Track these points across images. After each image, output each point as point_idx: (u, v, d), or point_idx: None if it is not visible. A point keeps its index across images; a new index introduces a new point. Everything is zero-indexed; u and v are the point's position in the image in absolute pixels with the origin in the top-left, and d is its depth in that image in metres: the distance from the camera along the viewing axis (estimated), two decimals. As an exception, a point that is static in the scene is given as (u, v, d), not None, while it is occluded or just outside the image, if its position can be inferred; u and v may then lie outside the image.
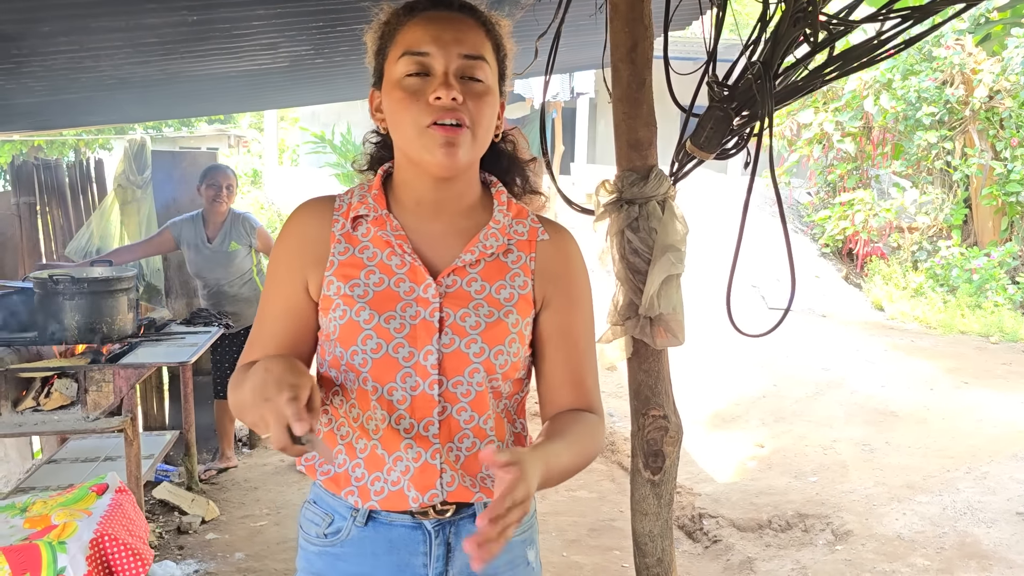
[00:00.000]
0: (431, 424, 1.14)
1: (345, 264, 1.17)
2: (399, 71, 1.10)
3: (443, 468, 1.15)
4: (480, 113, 1.11)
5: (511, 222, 1.21)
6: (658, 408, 1.92)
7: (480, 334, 1.14)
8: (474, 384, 1.15)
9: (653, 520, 1.99)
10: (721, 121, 1.87)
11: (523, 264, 1.20)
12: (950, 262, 8.59)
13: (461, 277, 1.17)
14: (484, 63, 1.12)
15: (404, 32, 1.12)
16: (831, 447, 4.83)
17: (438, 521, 1.18)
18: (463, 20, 1.13)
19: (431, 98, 1.08)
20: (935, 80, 8.89)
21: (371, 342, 1.13)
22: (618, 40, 1.83)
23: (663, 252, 1.78)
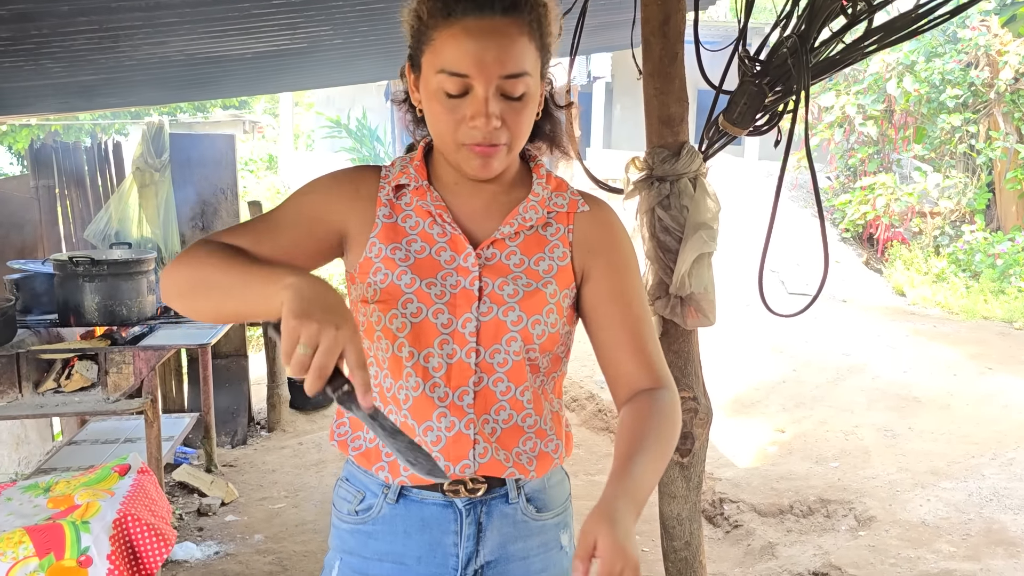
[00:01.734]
0: (466, 394, 1.13)
1: (388, 228, 1.17)
2: (436, 84, 1.06)
3: (476, 439, 1.14)
4: (518, 127, 1.09)
5: (550, 195, 1.20)
6: (688, 390, 1.89)
7: (518, 302, 1.14)
8: (511, 353, 1.14)
9: (681, 503, 1.96)
10: (755, 97, 1.82)
11: (561, 236, 1.19)
12: (973, 247, 8.48)
13: (500, 250, 1.17)
14: (526, 77, 1.06)
15: (442, 39, 1.05)
16: (853, 432, 4.78)
17: (469, 500, 1.17)
18: (506, 29, 1.04)
19: (469, 124, 1.06)
20: (959, 62, 8.74)
21: (411, 306, 1.12)
22: (650, 13, 1.79)
23: (695, 230, 1.74)
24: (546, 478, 1.22)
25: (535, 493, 1.21)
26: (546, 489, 1.22)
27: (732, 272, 6.39)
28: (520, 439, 1.17)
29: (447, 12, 1.04)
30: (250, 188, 12.62)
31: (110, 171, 5.40)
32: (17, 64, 3.38)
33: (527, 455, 1.18)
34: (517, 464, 1.17)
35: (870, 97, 9.24)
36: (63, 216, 5.38)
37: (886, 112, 9.37)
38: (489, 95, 1.04)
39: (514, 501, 1.19)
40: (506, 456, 1.16)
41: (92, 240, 5.00)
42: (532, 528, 1.21)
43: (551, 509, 1.22)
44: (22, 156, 10.87)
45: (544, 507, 1.21)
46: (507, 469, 1.16)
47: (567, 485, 1.28)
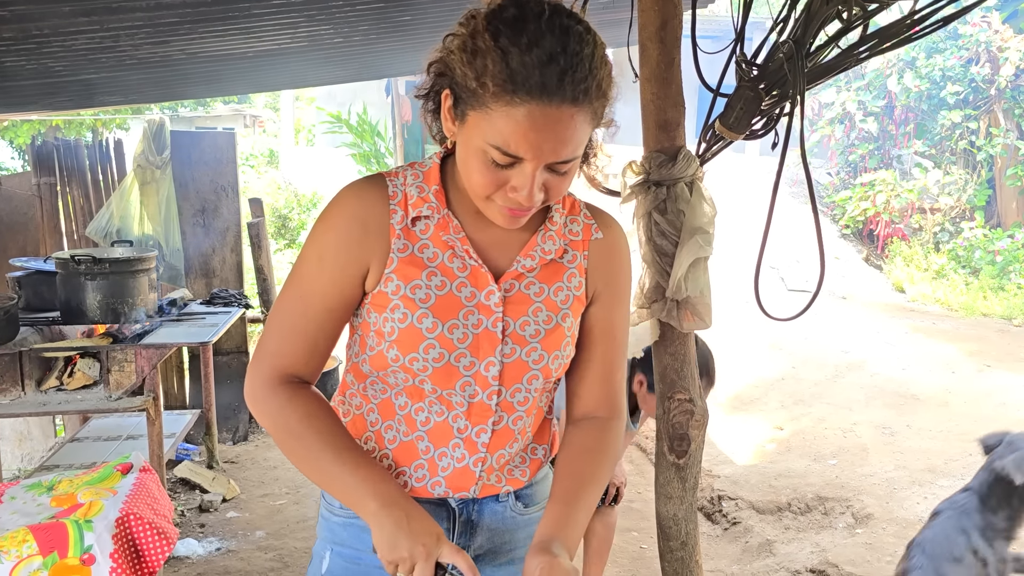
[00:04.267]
0: (483, 431, 1.15)
1: (405, 263, 1.12)
2: (482, 149, 1.00)
3: (481, 476, 1.18)
4: (560, 191, 1.06)
5: (566, 220, 1.19)
6: (684, 392, 1.91)
7: (540, 342, 1.14)
8: (532, 390, 1.17)
9: (678, 504, 1.98)
10: (751, 101, 1.84)
11: (578, 264, 1.19)
12: (973, 244, 8.49)
13: (519, 281, 1.15)
14: (578, 158, 1.03)
15: (500, 113, 0.96)
16: (851, 430, 4.80)
17: (463, 500, 1.20)
18: (572, 119, 0.97)
19: (510, 193, 1.03)
20: (960, 58, 8.74)
21: (433, 351, 1.10)
22: (647, 18, 1.80)
23: (691, 234, 1.76)
24: (539, 477, 1.27)
25: (524, 491, 1.25)
26: (534, 486, 1.26)
27: (732, 269, 6.40)
28: (517, 458, 1.22)
29: (512, 88, 0.95)
30: (251, 184, 12.63)
31: (111, 168, 5.41)
32: (19, 63, 3.40)
33: (520, 468, 1.23)
34: (511, 480, 1.22)
35: (871, 93, 9.23)
36: (65, 213, 5.39)
37: (887, 108, 9.36)
38: (538, 174, 1.00)
39: (504, 500, 1.23)
40: (500, 477, 1.21)
41: (94, 237, 5.02)
42: (519, 522, 1.25)
43: (537, 503, 1.26)
44: (23, 151, 10.88)
45: (531, 502, 1.26)
46: (502, 489, 1.21)
47: (551, 477, 1.28)
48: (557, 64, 0.94)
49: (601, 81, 0.99)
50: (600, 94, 1.00)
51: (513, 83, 0.94)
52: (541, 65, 0.94)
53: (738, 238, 6.79)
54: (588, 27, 0.99)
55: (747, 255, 1.94)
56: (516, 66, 0.94)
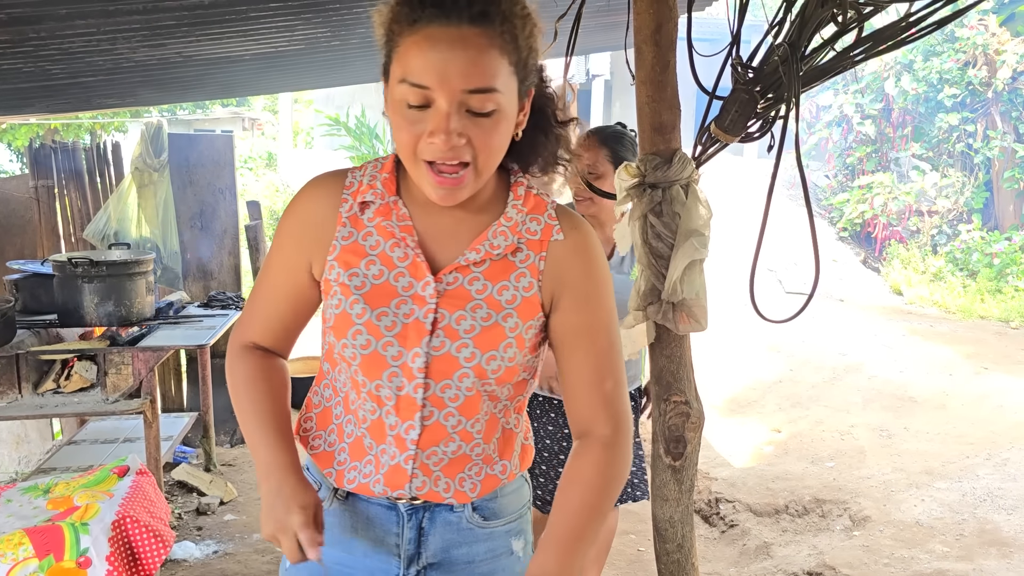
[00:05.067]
0: (412, 428, 1.13)
1: (347, 250, 1.13)
2: (399, 94, 1.00)
3: (415, 473, 1.14)
4: (485, 146, 1.02)
5: (524, 218, 1.14)
6: (680, 394, 1.91)
7: (473, 338, 1.10)
8: (463, 389, 1.12)
9: (674, 506, 1.98)
10: (746, 104, 1.84)
11: (531, 264, 1.13)
12: (970, 246, 8.50)
13: (464, 275, 1.12)
14: (495, 93, 0.99)
15: (406, 46, 0.98)
16: (848, 432, 4.80)
17: (411, 506, 1.18)
18: (474, 40, 0.97)
19: (428, 139, 1.00)
20: (957, 61, 8.76)
21: (360, 337, 1.10)
22: (642, 21, 1.80)
23: (686, 237, 1.76)
24: (499, 490, 1.21)
25: (483, 503, 1.20)
26: (497, 499, 1.22)
27: (729, 271, 6.41)
28: (466, 466, 1.17)
29: (413, 19, 0.98)
30: (249, 186, 12.63)
31: (109, 171, 5.41)
32: (16, 66, 3.40)
33: (471, 480, 1.18)
34: (458, 492, 1.17)
35: (868, 96, 9.25)
36: (62, 216, 5.39)
37: (884, 111, 9.38)
38: (452, 110, 0.98)
39: (459, 511, 1.19)
40: (447, 485, 1.16)
41: (91, 240, 5.02)
42: (479, 535, 1.21)
43: (502, 517, 1.22)
44: (21, 153, 10.88)
45: (493, 516, 1.21)
46: (446, 498, 1.17)
47: (526, 492, 1.28)
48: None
49: (506, 10, 0.99)
50: (505, 21, 0.99)
51: (412, 10, 0.98)
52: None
53: (735, 240, 6.80)
54: None
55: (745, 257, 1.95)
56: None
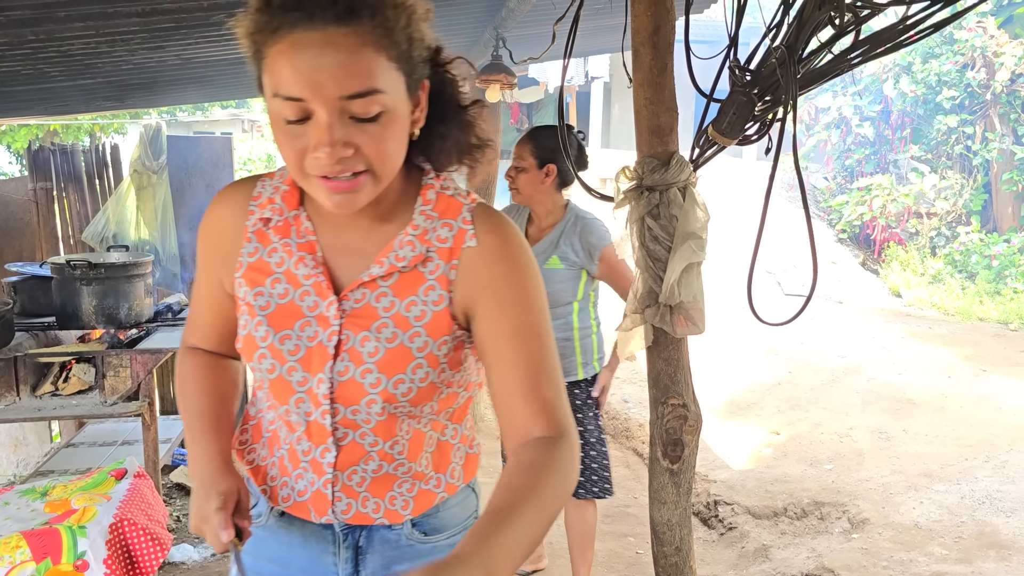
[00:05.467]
0: (327, 451, 1.08)
1: (252, 268, 1.08)
2: (275, 110, 0.91)
3: (337, 497, 1.10)
4: (378, 153, 0.93)
5: (434, 224, 1.05)
6: (677, 397, 1.91)
7: (377, 363, 1.03)
8: (373, 414, 1.05)
9: (672, 509, 1.98)
10: (744, 107, 1.84)
11: (440, 275, 1.05)
12: (969, 248, 8.50)
13: (371, 290, 1.05)
14: (377, 95, 0.90)
15: (272, 57, 0.90)
16: (847, 435, 4.80)
17: (346, 526, 1.14)
18: (343, 40, 0.88)
19: (312, 154, 0.91)
20: (956, 63, 8.76)
21: (265, 362, 1.06)
22: (640, 24, 1.80)
23: (684, 240, 1.76)
24: (439, 504, 1.16)
25: (423, 519, 1.15)
26: (439, 513, 1.16)
27: (728, 274, 6.41)
28: (394, 484, 1.12)
29: (274, 26, 0.88)
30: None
31: (108, 173, 5.42)
32: (15, 68, 3.40)
33: (403, 498, 1.13)
34: (389, 511, 1.12)
35: (867, 98, 9.26)
36: (61, 218, 5.40)
37: (883, 113, 9.39)
38: (332, 120, 0.89)
39: (397, 529, 1.14)
40: (376, 505, 1.12)
41: (90, 242, 5.03)
42: (420, 551, 1.16)
43: (444, 531, 1.17)
44: (20, 156, 10.89)
45: (434, 531, 1.16)
46: (375, 519, 1.12)
47: (472, 503, 1.22)
48: None
49: (375, 3, 0.89)
50: (376, 15, 0.90)
51: (272, 18, 0.88)
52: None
53: (734, 243, 6.80)
54: None
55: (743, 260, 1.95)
56: (275, 2, 0.88)
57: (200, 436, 1.15)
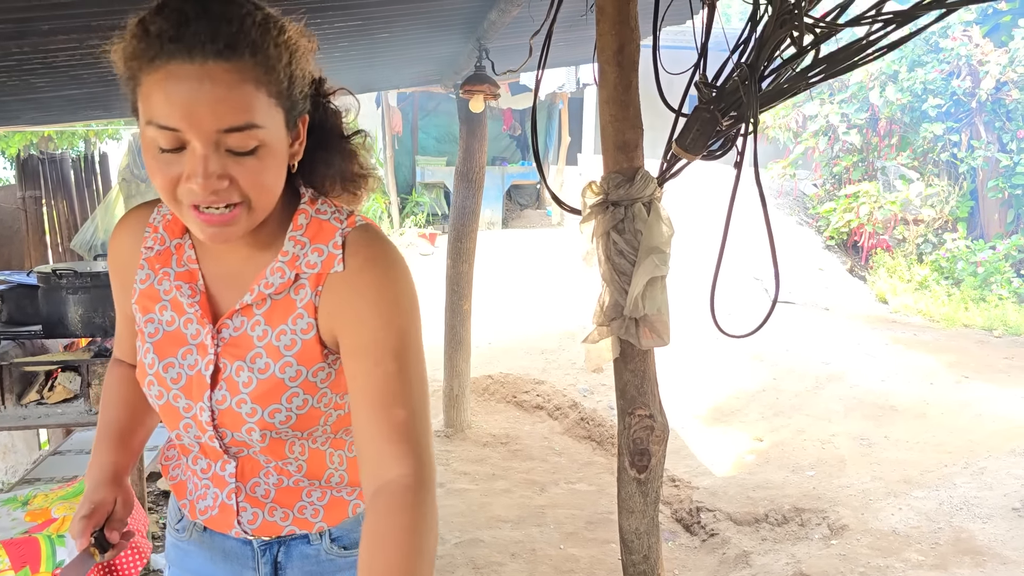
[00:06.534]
0: (227, 464, 1.11)
1: (144, 295, 1.10)
2: (149, 137, 0.90)
3: (242, 507, 1.12)
4: (254, 186, 0.93)
5: (305, 251, 1.04)
6: (644, 408, 1.94)
7: (251, 394, 1.03)
8: (255, 440, 1.06)
9: (639, 518, 2.01)
10: (707, 123, 1.88)
11: (307, 302, 1.03)
12: (955, 255, 8.56)
13: (248, 318, 1.05)
14: (255, 130, 0.90)
15: (148, 85, 0.88)
16: (829, 441, 4.84)
17: (264, 541, 1.17)
18: (222, 75, 0.87)
19: (185, 184, 0.91)
20: (941, 72, 8.84)
21: (154, 389, 1.08)
22: (605, 42, 1.84)
23: (647, 254, 1.80)
24: (360, 514, 1.16)
25: (343, 533, 1.17)
26: (358, 527, 1.14)
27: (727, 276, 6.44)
28: (303, 493, 1.13)
29: (151, 55, 0.87)
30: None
31: (97, 182, 5.45)
32: (1, 80, 3.43)
33: (313, 507, 1.14)
34: (298, 520, 1.14)
35: (854, 106, 9.33)
36: (50, 226, 5.42)
37: (870, 120, 9.46)
38: (208, 152, 0.89)
39: (316, 543, 1.16)
40: (285, 514, 1.13)
41: (79, 250, 5.05)
42: (340, 564, 1.17)
43: None
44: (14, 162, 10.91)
45: (354, 544, 1.15)
46: (284, 528, 1.14)
47: None
48: (196, 22, 0.87)
49: (257, 40, 0.89)
50: (257, 52, 0.89)
51: (150, 47, 0.87)
52: (177, 25, 0.87)
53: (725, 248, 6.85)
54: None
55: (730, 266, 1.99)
56: (153, 31, 0.87)
57: (102, 446, 1.19)
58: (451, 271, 5.13)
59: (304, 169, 1.06)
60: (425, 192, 11.85)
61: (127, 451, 1.20)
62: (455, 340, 5.18)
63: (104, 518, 1.13)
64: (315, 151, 1.06)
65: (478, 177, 4.95)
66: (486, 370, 6.14)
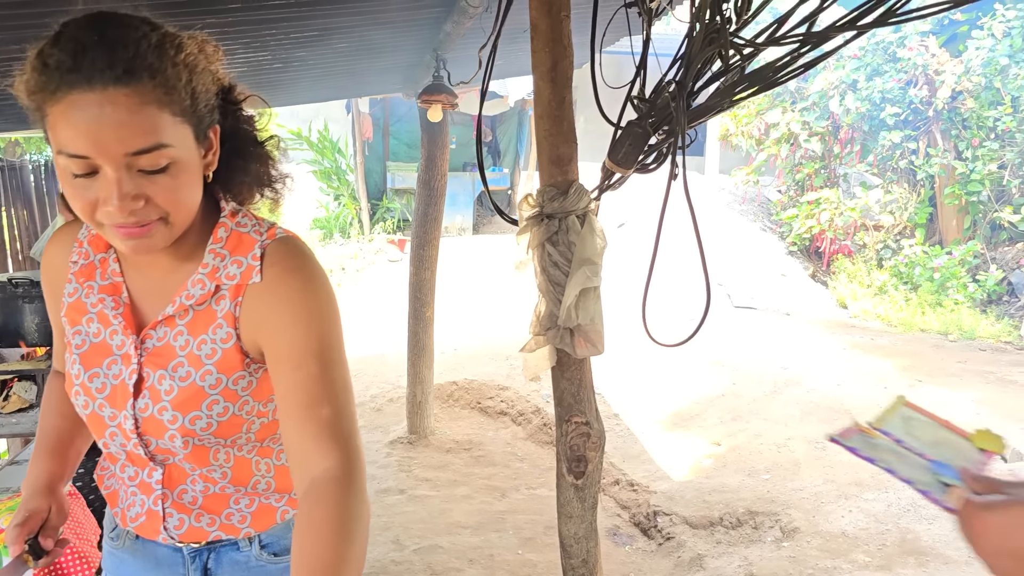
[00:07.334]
0: (154, 471, 1.14)
1: (72, 308, 1.14)
2: (62, 164, 0.92)
3: (168, 513, 1.15)
4: (170, 202, 0.96)
5: (225, 263, 1.08)
6: (580, 415, 1.99)
7: (171, 401, 1.07)
8: (178, 447, 1.09)
9: (578, 523, 2.05)
10: (639, 138, 1.93)
11: (227, 312, 1.07)
12: (913, 260, 8.72)
13: (171, 329, 1.09)
14: (163, 148, 0.92)
15: (54, 117, 0.90)
16: (785, 445, 4.92)
17: (193, 548, 1.19)
18: (123, 100, 0.89)
19: (103, 207, 0.93)
20: (899, 81, 9.02)
21: (80, 399, 1.12)
22: (539, 59, 1.89)
23: (580, 265, 1.85)
24: (289, 521, 1.19)
25: (272, 539, 1.20)
26: (288, 534, 1.18)
27: (679, 286, 6.53)
28: (230, 500, 1.16)
29: (52, 87, 0.89)
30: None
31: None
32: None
33: (240, 513, 1.17)
34: (225, 526, 1.17)
35: (814, 114, 9.48)
36: (9, 234, 5.38)
37: (831, 128, 9.62)
38: (120, 175, 0.91)
39: (245, 549, 1.19)
40: (211, 520, 1.16)
41: (38, 258, 5.01)
42: (271, 571, 1.20)
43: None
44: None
45: (284, 551, 1.20)
46: (211, 534, 1.17)
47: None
48: (93, 50, 0.89)
49: (154, 63, 0.91)
50: (156, 74, 0.91)
51: (50, 79, 0.89)
52: (74, 55, 0.88)
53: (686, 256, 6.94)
54: (147, 20, 0.95)
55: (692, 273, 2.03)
56: (52, 63, 0.89)
57: (39, 455, 1.22)
58: (414, 278, 5.16)
59: (221, 177, 1.08)
60: (396, 198, 11.85)
61: (63, 461, 1.23)
62: (418, 347, 5.21)
63: (38, 525, 1.16)
64: (230, 159, 1.08)
65: (440, 185, 4.99)
66: (451, 376, 6.16)
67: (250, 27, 3.22)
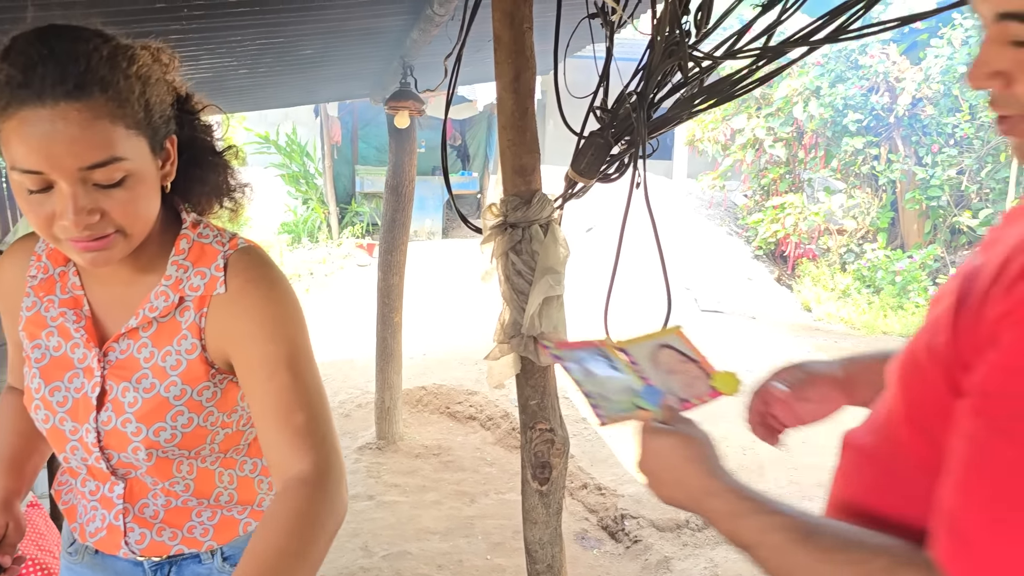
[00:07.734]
0: (115, 485, 1.14)
1: (30, 321, 1.13)
2: (16, 181, 0.92)
3: (130, 527, 1.15)
4: (126, 215, 0.96)
5: (188, 274, 1.08)
6: (545, 422, 2.01)
7: (135, 413, 1.07)
8: (141, 459, 1.09)
9: (543, 528, 2.08)
10: (601, 148, 1.96)
11: (192, 324, 1.07)
12: (875, 264, 8.88)
13: (134, 341, 1.09)
14: (118, 162, 0.92)
15: (6, 133, 0.90)
16: (751, 447, 4.99)
17: (154, 562, 1.19)
18: (75, 116, 0.89)
19: (59, 222, 0.93)
20: (861, 88, 9.19)
21: (40, 413, 1.11)
22: (502, 70, 1.91)
23: (543, 274, 1.87)
24: (251, 532, 1.18)
25: (234, 552, 1.19)
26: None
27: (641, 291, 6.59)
28: (191, 513, 1.16)
29: (3, 103, 0.89)
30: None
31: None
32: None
33: (203, 526, 1.17)
34: (187, 540, 1.16)
35: (779, 120, 9.63)
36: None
37: (796, 134, 9.77)
38: (75, 190, 0.91)
39: (207, 562, 1.19)
40: (173, 534, 1.16)
41: None
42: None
43: None
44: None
45: None
46: (172, 548, 1.16)
47: None
48: (43, 65, 0.88)
49: (105, 77, 0.91)
50: (107, 88, 0.91)
51: (1, 95, 0.89)
52: (24, 70, 0.88)
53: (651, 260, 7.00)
54: (99, 32, 0.95)
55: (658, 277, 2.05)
56: (2, 78, 0.89)
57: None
58: (382, 283, 5.15)
59: (180, 187, 1.09)
60: (365, 202, 11.81)
61: (19, 477, 1.22)
62: (386, 352, 5.20)
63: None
64: (188, 168, 1.09)
65: (408, 190, 4.99)
66: (420, 381, 6.16)
67: (214, 33, 3.21)
